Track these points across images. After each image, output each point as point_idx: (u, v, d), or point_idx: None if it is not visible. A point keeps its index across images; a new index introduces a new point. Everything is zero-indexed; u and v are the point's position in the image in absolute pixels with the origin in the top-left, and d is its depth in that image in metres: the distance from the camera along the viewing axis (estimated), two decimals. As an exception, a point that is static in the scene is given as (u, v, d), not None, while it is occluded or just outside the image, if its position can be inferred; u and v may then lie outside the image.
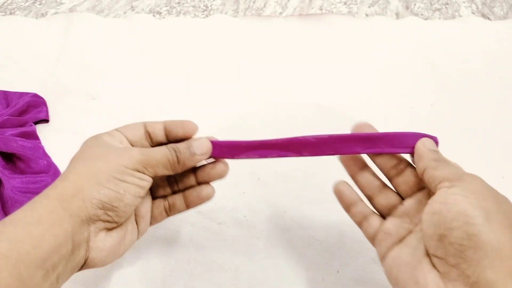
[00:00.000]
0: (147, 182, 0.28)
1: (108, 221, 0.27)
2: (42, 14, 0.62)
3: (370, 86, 0.51)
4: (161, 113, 0.48)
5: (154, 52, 0.55)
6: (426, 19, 0.60)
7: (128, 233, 0.29)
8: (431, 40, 0.56)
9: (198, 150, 0.30)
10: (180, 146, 0.30)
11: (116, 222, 0.27)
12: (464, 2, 0.62)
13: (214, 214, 0.39)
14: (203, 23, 0.59)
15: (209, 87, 0.51)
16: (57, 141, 0.45)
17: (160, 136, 0.31)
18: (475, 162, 0.42)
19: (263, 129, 0.46)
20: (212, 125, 0.47)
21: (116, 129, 0.31)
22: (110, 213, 0.26)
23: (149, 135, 0.31)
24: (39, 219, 0.24)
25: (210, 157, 0.31)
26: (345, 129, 0.36)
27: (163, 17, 0.61)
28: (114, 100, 0.50)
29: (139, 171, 0.28)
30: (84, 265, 0.26)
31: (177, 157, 0.29)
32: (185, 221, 0.39)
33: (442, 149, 0.36)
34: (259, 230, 0.38)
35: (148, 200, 0.32)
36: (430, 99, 0.49)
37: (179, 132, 0.31)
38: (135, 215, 0.31)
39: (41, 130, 0.46)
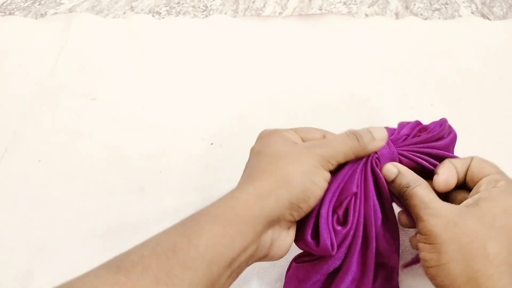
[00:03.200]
0: (327, 181, 0.28)
1: (290, 221, 0.27)
2: (42, 14, 0.62)
3: (370, 86, 0.51)
4: (160, 113, 0.48)
5: (154, 52, 0.55)
6: (425, 19, 0.60)
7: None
8: (431, 40, 0.56)
9: (377, 135, 0.29)
10: (360, 131, 0.29)
11: (294, 221, 0.28)
12: (463, 2, 0.62)
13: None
14: (203, 23, 0.59)
15: (209, 87, 0.51)
16: (57, 141, 0.45)
17: None
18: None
19: (263, 128, 0.46)
20: (212, 125, 0.47)
21: (293, 129, 0.31)
22: (294, 213, 0.26)
23: None
24: (236, 217, 0.24)
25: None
26: (344, 128, 0.36)
27: (163, 17, 0.61)
28: (113, 100, 0.50)
29: (325, 170, 0.27)
30: (260, 259, 0.27)
31: (358, 142, 0.29)
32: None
33: (442, 149, 0.36)
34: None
35: None
36: (430, 99, 0.49)
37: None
38: None
39: (41, 129, 0.46)
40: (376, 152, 0.29)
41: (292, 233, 0.28)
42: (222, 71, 0.53)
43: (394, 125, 0.36)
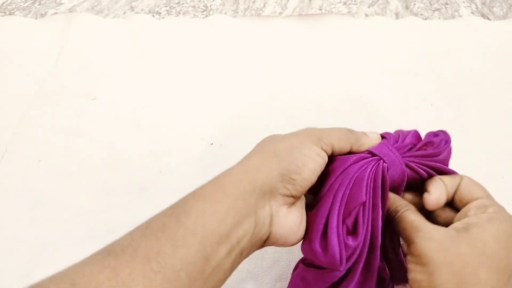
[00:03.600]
0: (323, 158, 0.28)
1: (287, 195, 0.27)
2: (42, 14, 0.62)
3: (369, 86, 0.51)
4: (160, 113, 0.48)
5: (154, 52, 0.55)
6: (425, 19, 0.60)
7: (304, 216, 0.29)
8: (431, 40, 0.56)
9: (371, 135, 0.31)
10: (355, 131, 0.31)
11: (293, 197, 0.27)
12: (463, 2, 0.62)
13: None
14: (203, 23, 0.59)
15: (209, 87, 0.51)
16: (57, 141, 0.45)
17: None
18: (475, 162, 0.42)
19: (263, 128, 0.46)
20: (212, 125, 0.47)
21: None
22: (288, 186, 0.26)
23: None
24: (225, 194, 0.24)
25: None
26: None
27: (163, 17, 0.61)
28: (113, 100, 0.50)
29: (316, 146, 0.28)
30: (267, 240, 0.27)
31: (354, 134, 0.30)
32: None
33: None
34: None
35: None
36: (430, 99, 0.49)
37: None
38: None
39: (41, 129, 0.46)
40: (384, 161, 0.29)
41: (295, 212, 0.28)
42: (222, 71, 0.53)
43: (394, 125, 0.36)
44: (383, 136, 0.32)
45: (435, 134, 0.33)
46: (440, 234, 0.26)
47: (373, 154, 0.29)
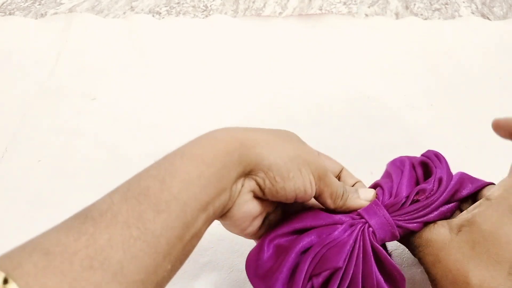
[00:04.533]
0: (311, 191, 0.27)
1: (259, 186, 0.26)
2: (42, 14, 0.62)
3: (369, 86, 0.51)
4: (160, 113, 0.48)
5: (154, 52, 0.55)
6: (425, 19, 0.60)
7: (259, 214, 0.28)
8: (431, 40, 0.56)
9: (363, 195, 0.29)
10: (348, 187, 0.29)
11: (263, 192, 0.26)
12: (463, 2, 0.62)
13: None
14: (203, 23, 0.59)
15: (209, 87, 0.51)
16: (57, 141, 0.45)
17: None
18: (475, 162, 0.42)
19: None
20: (211, 125, 0.47)
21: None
22: (267, 181, 0.25)
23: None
24: (214, 159, 0.23)
25: None
26: (344, 130, 0.36)
27: (163, 17, 0.61)
28: (114, 100, 0.50)
29: (314, 178, 0.26)
30: (223, 216, 0.26)
31: (342, 194, 0.28)
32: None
33: (442, 149, 0.36)
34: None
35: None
36: (430, 99, 0.49)
37: None
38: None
39: (41, 129, 0.46)
40: (370, 226, 0.27)
41: (255, 205, 0.27)
42: (222, 71, 0.53)
43: (394, 125, 0.36)
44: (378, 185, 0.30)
45: (426, 157, 0.31)
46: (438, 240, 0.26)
47: (361, 216, 0.28)
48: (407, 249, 0.30)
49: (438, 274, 0.26)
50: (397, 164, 0.32)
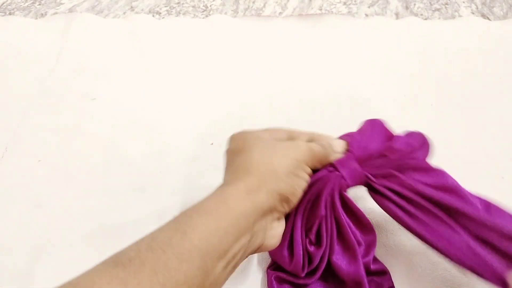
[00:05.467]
0: (308, 177, 0.30)
1: (281, 212, 0.29)
2: (42, 14, 0.62)
3: (369, 86, 0.51)
4: (160, 113, 0.48)
5: (154, 52, 0.55)
6: (425, 19, 0.60)
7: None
8: (431, 40, 0.56)
9: (337, 148, 0.32)
10: (324, 143, 0.32)
11: (285, 213, 0.30)
12: (463, 2, 0.62)
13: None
14: (203, 23, 0.59)
15: (209, 87, 0.51)
16: (57, 141, 0.45)
17: None
18: (475, 162, 0.42)
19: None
20: (212, 125, 0.47)
21: (262, 130, 0.32)
22: (285, 205, 0.29)
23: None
24: (228, 211, 0.25)
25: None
26: (344, 129, 0.36)
27: (163, 17, 0.61)
28: (114, 100, 0.50)
29: (308, 166, 0.30)
30: (256, 251, 0.28)
31: (323, 149, 0.31)
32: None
33: (442, 149, 0.36)
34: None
35: None
36: (430, 99, 0.49)
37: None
38: None
39: (41, 129, 0.46)
40: (343, 177, 0.31)
41: (282, 222, 0.30)
42: (222, 71, 0.53)
43: (394, 125, 0.36)
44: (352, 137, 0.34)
45: (409, 135, 0.34)
46: None
47: (335, 167, 0.31)
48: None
49: None
50: (372, 123, 0.35)
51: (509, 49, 0.54)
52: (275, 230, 0.29)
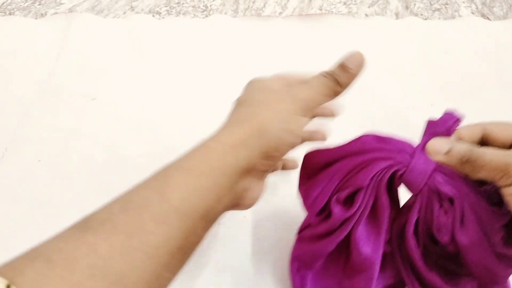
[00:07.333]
0: (305, 128, 0.27)
1: (262, 171, 0.27)
2: (42, 14, 0.62)
3: (369, 86, 0.50)
4: (160, 113, 0.48)
5: (154, 52, 0.55)
6: (425, 19, 0.60)
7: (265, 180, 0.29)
8: (431, 40, 0.56)
9: (351, 64, 0.28)
10: (335, 69, 0.29)
11: (267, 171, 0.27)
12: (463, 2, 0.62)
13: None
14: (203, 23, 0.59)
15: (209, 87, 0.51)
16: (57, 141, 0.45)
17: None
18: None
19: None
20: (212, 125, 0.47)
21: (276, 77, 0.30)
22: (265, 162, 0.26)
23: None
24: (211, 169, 0.23)
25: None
26: (344, 129, 0.36)
27: (163, 17, 0.61)
28: (113, 100, 0.50)
29: (304, 117, 0.27)
30: (232, 208, 0.26)
31: (336, 80, 0.28)
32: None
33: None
34: (259, 230, 0.38)
35: None
36: (430, 99, 0.49)
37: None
38: None
39: (41, 129, 0.46)
40: (407, 169, 0.26)
41: (262, 183, 0.28)
42: (222, 71, 0.53)
43: (394, 125, 0.36)
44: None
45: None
46: None
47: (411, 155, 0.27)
48: None
49: None
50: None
51: (509, 49, 0.54)
52: (254, 191, 0.27)
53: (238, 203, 0.26)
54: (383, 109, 0.48)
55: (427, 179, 0.26)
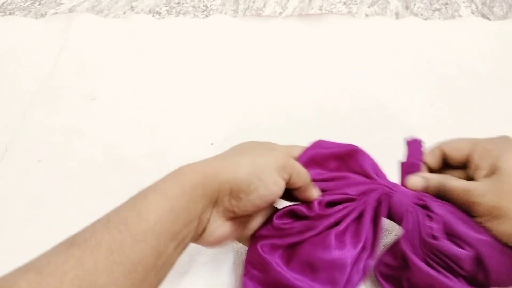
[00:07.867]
0: (279, 188, 0.29)
1: (228, 210, 0.28)
2: (42, 14, 0.62)
3: (369, 86, 0.51)
4: (160, 112, 0.48)
5: (154, 52, 0.55)
6: (426, 19, 0.60)
7: (237, 230, 0.30)
8: (431, 40, 0.56)
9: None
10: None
11: (234, 213, 0.28)
12: (463, 2, 0.62)
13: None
14: (203, 23, 0.59)
15: (209, 87, 0.51)
16: (57, 141, 0.45)
17: None
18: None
19: (263, 128, 0.46)
20: (212, 125, 0.47)
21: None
22: (233, 202, 0.28)
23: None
24: (183, 194, 0.25)
25: None
26: (344, 129, 0.36)
27: (163, 17, 0.61)
28: (114, 100, 0.50)
29: (277, 174, 0.29)
30: (197, 240, 0.28)
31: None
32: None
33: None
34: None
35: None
36: (430, 99, 0.49)
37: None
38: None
39: (41, 129, 0.46)
40: (391, 197, 0.31)
41: (227, 226, 0.29)
42: (222, 71, 0.53)
43: (394, 125, 0.36)
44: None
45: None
46: (485, 185, 0.28)
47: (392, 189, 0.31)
48: None
49: None
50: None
51: (509, 49, 0.54)
52: (217, 228, 0.28)
53: (201, 234, 0.28)
54: (383, 109, 0.48)
55: (411, 199, 0.31)
